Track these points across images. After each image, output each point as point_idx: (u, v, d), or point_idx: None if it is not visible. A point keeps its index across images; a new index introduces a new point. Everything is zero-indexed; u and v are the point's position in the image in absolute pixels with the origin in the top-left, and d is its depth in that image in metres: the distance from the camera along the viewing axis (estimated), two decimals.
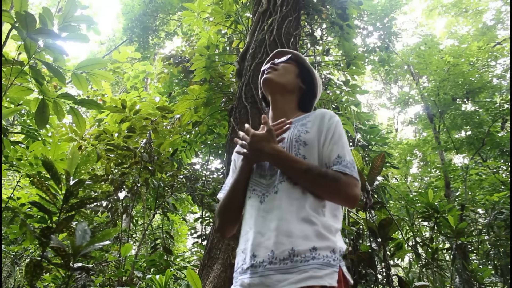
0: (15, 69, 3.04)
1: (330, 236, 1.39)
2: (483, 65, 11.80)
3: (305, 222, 1.39)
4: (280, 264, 1.33)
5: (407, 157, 15.25)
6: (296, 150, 1.55)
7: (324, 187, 1.45)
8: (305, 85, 1.83)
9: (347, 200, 1.46)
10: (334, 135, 1.55)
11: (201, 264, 3.85)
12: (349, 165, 1.48)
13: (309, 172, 1.44)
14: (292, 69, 1.83)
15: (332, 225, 1.44)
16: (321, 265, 1.30)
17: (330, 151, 1.52)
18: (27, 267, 2.14)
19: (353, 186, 1.45)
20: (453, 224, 4.84)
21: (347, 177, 1.45)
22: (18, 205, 4.69)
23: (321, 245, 1.35)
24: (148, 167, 5.23)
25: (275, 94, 1.80)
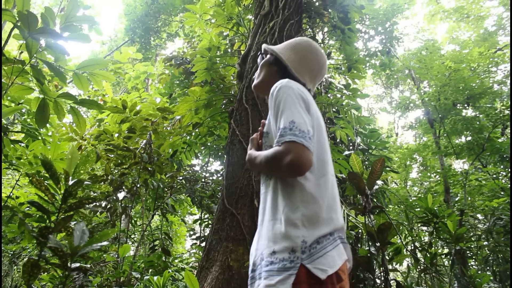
0: (16, 68, 3.05)
1: (293, 231, 1.29)
2: (484, 70, 11.80)
3: (272, 220, 1.36)
4: (257, 270, 1.35)
5: (407, 161, 15.23)
6: (264, 143, 1.54)
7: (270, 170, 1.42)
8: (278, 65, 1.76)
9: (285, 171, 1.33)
10: (275, 108, 1.47)
11: (199, 266, 3.84)
12: (282, 132, 1.36)
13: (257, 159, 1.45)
14: (265, 61, 1.83)
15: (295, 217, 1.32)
16: (276, 271, 1.25)
17: (276, 127, 1.44)
18: (24, 267, 2.13)
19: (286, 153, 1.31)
20: (452, 230, 4.83)
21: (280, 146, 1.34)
22: (17, 204, 4.68)
23: (279, 248, 1.28)
24: (148, 168, 5.22)
25: (264, 94, 1.78)
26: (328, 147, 1.56)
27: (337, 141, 7.92)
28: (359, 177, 4.11)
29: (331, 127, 7.29)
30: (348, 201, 7.31)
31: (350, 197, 7.31)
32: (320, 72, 1.79)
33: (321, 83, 8.39)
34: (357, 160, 4.47)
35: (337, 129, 6.49)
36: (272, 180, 1.45)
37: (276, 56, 1.77)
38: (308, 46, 1.78)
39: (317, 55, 1.78)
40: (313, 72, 1.76)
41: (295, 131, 1.33)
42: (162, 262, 4.79)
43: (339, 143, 8.16)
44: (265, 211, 1.42)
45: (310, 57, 1.76)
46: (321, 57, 1.79)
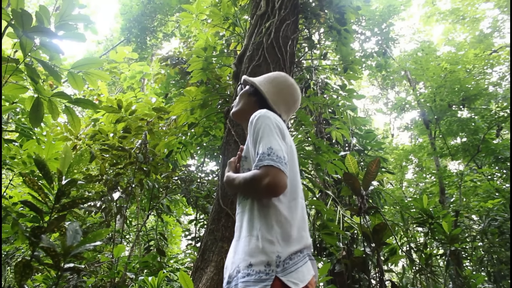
0: (10, 67, 3.02)
1: (269, 247, 1.42)
2: (479, 72, 11.84)
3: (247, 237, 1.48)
4: (232, 282, 1.45)
5: (402, 162, 15.26)
6: (243, 166, 1.68)
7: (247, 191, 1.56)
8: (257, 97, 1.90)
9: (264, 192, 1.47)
10: (254, 135, 1.59)
11: (194, 266, 3.83)
12: (261, 156, 1.49)
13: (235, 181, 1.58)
14: (245, 91, 1.96)
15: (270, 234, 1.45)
16: (253, 282, 1.37)
17: (254, 153, 1.56)
18: (16, 267, 2.11)
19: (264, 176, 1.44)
20: (447, 230, 4.84)
21: (260, 169, 1.46)
22: (10, 204, 4.65)
23: (256, 261, 1.40)
24: (143, 168, 5.21)
25: (242, 122, 1.94)
26: (298, 173, 1.71)
27: (333, 141, 7.93)
28: (354, 178, 4.11)
29: (327, 128, 7.30)
30: (343, 201, 7.32)
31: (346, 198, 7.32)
32: (294, 105, 1.95)
33: (317, 84, 8.40)
34: (353, 161, 4.47)
35: (333, 129, 6.49)
36: (248, 200, 1.57)
37: (256, 88, 1.90)
38: (285, 81, 1.94)
39: (292, 90, 1.94)
40: (288, 105, 1.91)
41: (273, 157, 1.47)
42: (157, 263, 4.77)
43: (334, 143, 8.18)
44: (242, 228, 1.55)
45: (286, 91, 1.91)
46: (296, 91, 1.95)
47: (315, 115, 8.16)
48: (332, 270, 5.32)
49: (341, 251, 5.26)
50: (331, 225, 4.82)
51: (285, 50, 5.02)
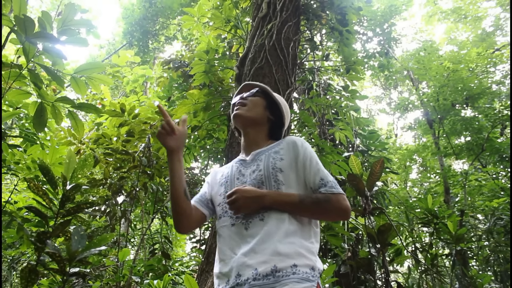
0: (14, 73, 3.03)
1: (310, 256, 1.54)
2: (482, 71, 11.81)
3: (287, 243, 1.53)
4: (264, 280, 1.46)
5: (406, 162, 15.23)
6: (274, 177, 1.68)
7: (319, 210, 1.63)
8: (274, 116, 1.93)
9: (341, 214, 1.65)
10: (312, 161, 1.71)
11: (199, 269, 3.82)
12: (333, 184, 1.66)
13: (303, 202, 1.61)
14: (260, 102, 1.93)
15: (312, 247, 1.60)
16: (300, 279, 1.45)
17: (314, 176, 1.68)
18: (22, 273, 2.12)
19: (343, 200, 1.63)
20: (453, 230, 4.82)
21: (335, 195, 1.63)
22: (15, 209, 4.66)
23: (301, 263, 1.49)
24: (147, 171, 5.21)
25: (246, 128, 1.92)
26: None
27: (336, 142, 7.92)
28: (358, 179, 4.10)
29: (330, 129, 7.29)
30: None
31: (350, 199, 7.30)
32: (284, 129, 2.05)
33: (319, 85, 8.39)
34: (357, 162, 4.46)
35: (336, 130, 6.47)
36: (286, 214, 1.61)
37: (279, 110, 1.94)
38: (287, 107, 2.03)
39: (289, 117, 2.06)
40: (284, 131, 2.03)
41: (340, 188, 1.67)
42: (162, 266, 4.77)
43: (338, 144, 8.16)
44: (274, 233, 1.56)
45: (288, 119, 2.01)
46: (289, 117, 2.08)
47: (318, 117, 8.15)
48: (337, 271, 5.31)
49: (346, 252, 5.25)
50: (336, 226, 4.81)
51: (287, 51, 5.02)
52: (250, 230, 1.60)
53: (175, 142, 1.73)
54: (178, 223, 1.75)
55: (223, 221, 1.72)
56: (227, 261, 1.61)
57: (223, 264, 1.63)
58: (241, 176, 1.78)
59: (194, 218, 1.79)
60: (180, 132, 1.75)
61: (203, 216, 1.82)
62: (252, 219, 1.62)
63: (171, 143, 1.72)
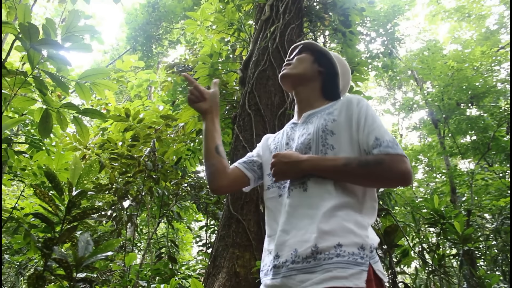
0: (19, 80, 3.05)
1: (359, 231, 1.30)
2: (487, 69, 11.76)
3: (332, 217, 1.32)
4: (303, 263, 1.28)
5: (412, 162, 15.16)
6: (323, 140, 1.48)
7: (369, 175, 1.36)
8: (324, 68, 1.74)
9: (398, 178, 1.34)
10: (367, 119, 1.46)
11: (206, 273, 3.82)
12: (390, 144, 1.37)
13: (348, 165, 1.36)
14: (307, 57, 1.77)
15: (364, 219, 1.36)
16: (346, 264, 1.22)
17: (367, 136, 1.42)
18: (29, 279, 2.13)
19: (400, 162, 1.34)
20: (460, 230, 4.79)
21: (390, 156, 1.34)
22: (22, 215, 4.69)
23: (347, 241, 1.26)
24: (152, 176, 5.22)
25: (296, 87, 1.75)
26: None
27: None
28: None
29: None
30: None
31: None
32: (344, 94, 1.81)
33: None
34: None
35: None
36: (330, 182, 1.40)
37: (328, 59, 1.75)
38: (347, 65, 1.81)
39: (349, 77, 1.83)
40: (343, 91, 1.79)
41: (400, 148, 1.38)
42: (169, 270, 4.77)
43: None
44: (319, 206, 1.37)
45: (347, 76, 1.80)
46: (350, 79, 1.84)
47: None
48: None
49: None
50: None
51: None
52: (294, 202, 1.43)
53: (206, 104, 1.67)
54: (209, 181, 1.64)
55: (271, 192, 1.57)
56: (272, 237, 1.47)
57: (269, 240, 1.49)
58: (291, 140, 1.62)
59: (231, 177, 1.66)
60: (210, 95, 1.69)
61: (244, 178, 1.68)
62: (296, 188, 1.45)
63: (202, 106, 1.67)
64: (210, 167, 1.63)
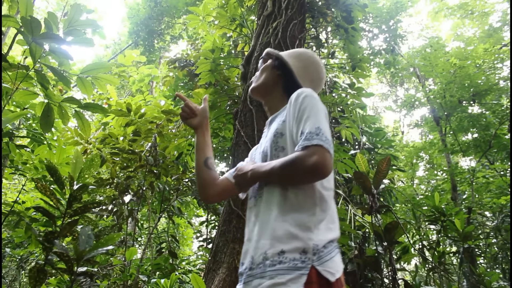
0: (21, 74, 3.05)
1: (302, 234, 1.32)
2: (489, 67, 11.71)
3: (279, 222, 1.36)
4: (257, 269, 1.33)
5: (413, 160, 15.16)
6: (275, 143, 1.51)
7: (288, 175, 1.38)
8: (282, 70, 1.75)
9: (308, 174, 1.34)
10: (299, 112, 1.45)
11: (206, 268, 3.83)
12: (307, 135, 1.36)
13: (273, 168, 1.41)
14: (267, 65, 1.81)
15: (311, 220, 1.35)
16: (286, 270, 1.26)
17: (297, 130, 1.43)
18: (30, 272, 2.13)
19: (311, 155, 1.32)
20: (460, 228, 4.80)
21: (304, 150, 1.34)
22: (23, 209, 4.70)
23: (289, 247, 1.29)
24: (154, 171, 5.23)
25: (264, 97, 1.80)
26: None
27: (343, 140, 7.90)
28: (365, 177, 4.09)
29: (336, 127, 7.27)
30: (354, 200, 7.28)
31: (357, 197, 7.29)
32: (319, 84, 1.81)
33: (325, 83, 8.36)
34: (363, 160, 4.45)
35: (343, 128, 6.46)
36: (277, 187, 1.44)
37: (281, 60, 1.75)
38: (311, 56, 1.80)
39: (318, 67, 1.80)
40: (313, 83, 1.76)
41: (322, 137, 1.35)
42: (169, 265, 4.78)
43: (344, 142, 8.14)
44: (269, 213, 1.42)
45: (312, 68, 1.78)
46: (322, 69, 1.82)
47: None
48: (344, 269, 5.30)
49: (353, 250, 5.23)
50: (343, 224, 4.80)
51: None
52: (255, 208, 1.50)
53: (196, 120, 1.79)
54: (199, 191, 1.75)
55: (249, 202, 1.60)
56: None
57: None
58: (260, 147, 1.69)
59: (219, 188, 1.73)
60: (201, 111, 1.82)
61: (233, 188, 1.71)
62: (258, 198, 1.51)
63: (193, 122, 1.79)
64: (199, 179, 1.74)
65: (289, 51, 1.82)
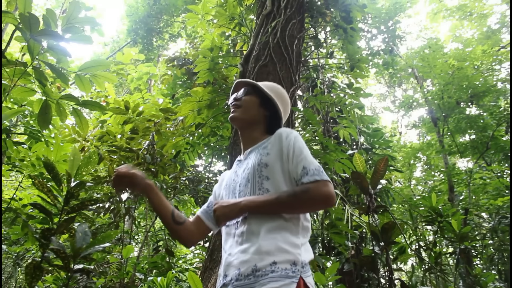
0: (19, 70, 3.05)
1: (292, 249, 1.50)
2: (487, 68, 11.75)
3: (269, 239, 1.52)
4: (245, 280, 1.48)
5: (410, 160, 15.18)
6: (259, 172, 1.66)
7: (298, 203, 1.55)
8: (269, 111, 1.89)
9: (322, 201, 1.57)
10: (295, 151, 1.65)
11: (203, 267, 3.83)
12: (315, 172, 1.58)
13: (279, 198, 1.56)
14: (254, 100, 1.90)
15: (297, 239, 1.55)
16: (279, 277, 1.42)
17: (296, 166, 1.62)
18: (27, 269, 2.13)
19: (323, 187, 1.55)
20: (457, 228, 4.81)
21: (316, 183, 1.55)
22: (20, 205, 4.68)
23: (281, 259, 1.46)
24: (151, 169, 5.22)
25: (243, 129, 1.91)
26: None
27: (340, 140, 7.90)
28: (362, 177, 4.10)
29: (334, 127, 7.27)
30: (351, 200, 7.29)
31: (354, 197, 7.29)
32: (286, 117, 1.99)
33: (323, 83, 8.37)
34: (361, 160, 4.46)
35: (340, 128, 6.47)
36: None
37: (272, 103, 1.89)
38: (285, 95, 1.99)
39: (289, 105, 2.01)
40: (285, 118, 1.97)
41: (325, 175, 1.59)
42: (166, 263, 4.78)
43: (342, 142, 8.14)
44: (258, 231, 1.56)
45: (287, 108, 1.97)
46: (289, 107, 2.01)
47: (322, 114, 8.13)
48: (341, 269, 5.31)
49: (349, 250, 5.24)
50: (340, 224, 4.80)
51: (291, 49, 5.02)
52: (237, 230, 1.62)
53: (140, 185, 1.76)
54: (180, 241, 1.85)
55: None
56: (222, 261, 1.66)
57: (221, 264, 1.67)
58: (236, 176, 1.80)
59: (196, 232, 1.85)
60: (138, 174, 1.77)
61: (207, 228, 1.86)
62: (239, 218, 1.64)
63: (138, 188, 1.76)
64: (175, 235, 1.83)
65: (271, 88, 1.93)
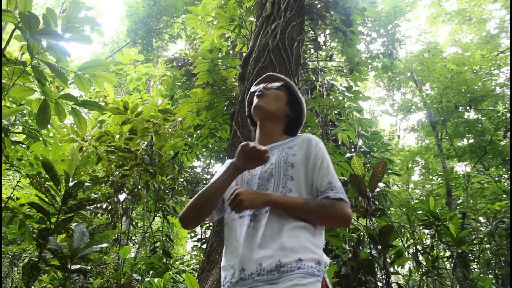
0: (18, 69, 3.04)
1: (316, 249, 1.53)
2: (486, 73, 11.75)
3: (292, 237, 1.52)
4: (268, 275, 1.45)
5: (408, 164, 15.17)
6: (285, 171, 1.68)
7: (323, 214, 1.59)
8: (293, 113, 1.93)
9: (343, 220, 1.61)
10: (323, 162, 1.69)
11: (200, 268, 3.83)
12: (340, 190, 1.63)
13: (307, 204, 1.58)
14: (283, 96, 1.93)
15: (317, 241, 1.58)
16: (305, 274, 1.43)
17: (322, 177, 1.66)
18: (24, 269, 2.12)
19: (346, 208, 1.61)
20: (454, 232, 4.81)
21: (340, 202, 1.60)
22: (17, 205, 4.67)
23: (306, 257, 1.47)
24: (149, 170, 5.21)
25: (264, 120, 1.90)
26: None
27: (339, 143, 7.91)
28: (360, 180, 4.10)
29: (333, 130, 7.28)
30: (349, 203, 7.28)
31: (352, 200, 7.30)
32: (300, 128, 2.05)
33: (323, 86, 8.38)
34: (359, 163, 4.46)
35: (339, 131, 6.47)
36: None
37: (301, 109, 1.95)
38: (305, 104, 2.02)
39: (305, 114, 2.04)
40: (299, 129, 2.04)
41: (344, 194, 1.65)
42: (163, 264, 4.77)
43: (340, 145, 8.15)
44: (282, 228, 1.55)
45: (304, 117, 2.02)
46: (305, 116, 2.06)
47: (321, 117, 8.14)
48: (338, 272, 5.31)
49: (347, 253, 5.24)
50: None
51: (291, 51, 5.02)
52: (257, 224, 1.59)
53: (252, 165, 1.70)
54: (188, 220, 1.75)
55: (233, 214, 1.70)
56: (234, 253, 1.60)
57: (230, 256, 1.62)
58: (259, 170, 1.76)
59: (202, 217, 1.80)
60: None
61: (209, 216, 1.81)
62: (259, 212, 1.61)
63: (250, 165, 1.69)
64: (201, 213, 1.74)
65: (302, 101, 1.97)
